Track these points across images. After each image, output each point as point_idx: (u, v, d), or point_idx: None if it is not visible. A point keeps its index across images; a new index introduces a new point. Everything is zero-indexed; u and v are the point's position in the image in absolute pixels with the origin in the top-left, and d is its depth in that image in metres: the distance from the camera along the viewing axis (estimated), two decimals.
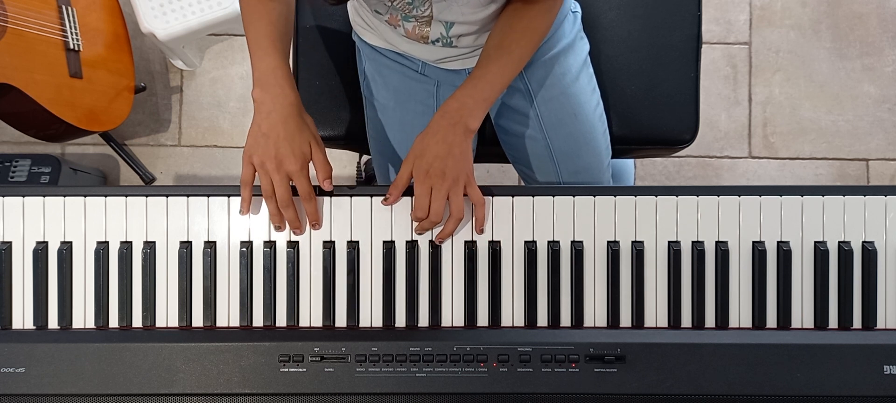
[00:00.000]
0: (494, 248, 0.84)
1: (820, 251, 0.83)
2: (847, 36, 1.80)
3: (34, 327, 0.84)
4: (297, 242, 0.85)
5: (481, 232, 0.85)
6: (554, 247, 0.84)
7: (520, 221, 0.85)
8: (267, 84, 0.85)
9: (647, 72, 1.15)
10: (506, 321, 0.84)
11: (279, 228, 0.84)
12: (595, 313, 0.84)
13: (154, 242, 0.84)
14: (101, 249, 0.84)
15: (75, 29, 1.50)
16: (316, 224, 0.84)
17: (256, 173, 0.83)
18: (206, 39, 1.82)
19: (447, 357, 0.79)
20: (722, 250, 0.84)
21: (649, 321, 0.84)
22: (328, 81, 1.16)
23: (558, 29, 1.03)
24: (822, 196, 0.84)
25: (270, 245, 0.84)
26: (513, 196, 0.85)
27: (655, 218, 0.85)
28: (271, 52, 0.86)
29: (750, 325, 0.84)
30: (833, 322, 0.84)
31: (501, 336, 0.81)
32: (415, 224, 0.85)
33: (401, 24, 0.96)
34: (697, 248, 0.84)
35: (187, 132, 1.81)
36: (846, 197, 0.84)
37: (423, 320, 0.84)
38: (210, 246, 0.84)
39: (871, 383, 0.78)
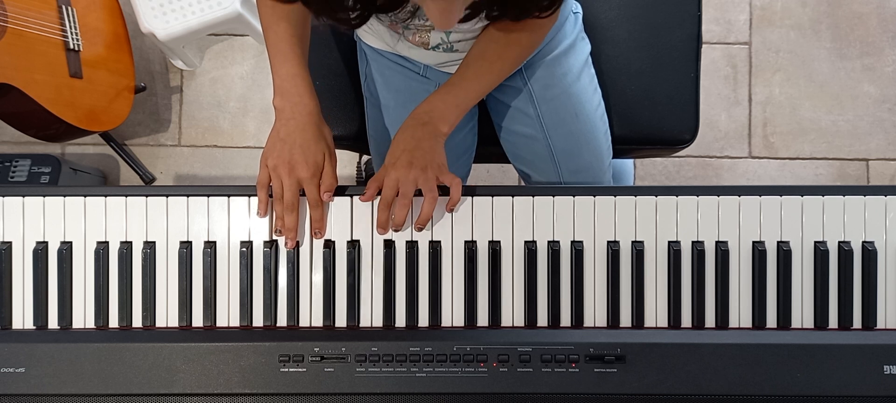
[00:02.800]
0: (494, 248, 0.84)
1: (820, 251, 0.83)
2: (847, 36, 1.80)
3: (34, 327, 0.84)
4: (298, 242, 0.84)
5: (450, 210, 0.85)
6: (554, 247, 0.84)
7: (520, 221, 0.85)
8: (287, 92, 0.86)
9: (647, 72, 1.15)
10: (506, 321, 0.84)
11: (279, 233, 0.84)
12: (595, 313, 0.84)
13: (154, 242, 0.84)
14: (101, 249, 0.84)
15: (75, 29, 1.50)
16: (319, 232, 0.84)
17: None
18: (206, 39, 1.82)
19: (447, 357, 0.79)
20: (722, 250, 0.84)
21: (649, 321, 0.84)
22: (329, 81, 1.16)
23: (560, 30, 1.03)
24: (822, 196, 0.84)
25: (270, 245, 0.84)
26: (513, 196, 0.85)
27: (655, 218, 0.85)
28: (291, 57, 0.87)
29: (750, 325, 0.84)
30: (833, 322, 0.84)
31: (501, 336, 0.81)
32: (376, 221, 0.84)
33: (402, 31, 0.97)
34: (697, 248, 0.84)
35: (187, 132, 1.81)
36: (846, 197, 0.84)
37: (423, 320, 0.84)
38: (210, 246, 0.84)
39: (871, 383, 0.78)
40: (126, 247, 0.84)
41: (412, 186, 0.83)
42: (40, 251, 0.84)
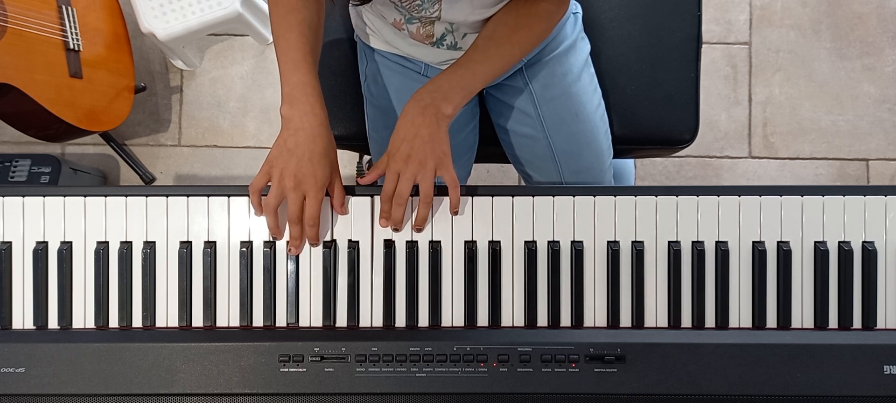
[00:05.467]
0: (494, 248, 0.84)
1: (820, 251, 0.83)
2: (847, 36, 1.80)
3: (34, 327, 0.84)
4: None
5: (455, 213, 0.84)
6: (554, 247, 0.84)
7: (520, 221, 0.85)
8: (296, 100, 0.83)
9: (647, 72, 1.15)
10: (506, 321, 0.84)
11: (276, 238, 0.84)
12: (595, 313, 0.84)
13: (154, 242, 0.84)
14: (101, 249, 0.84)
15: (75, 29, 1.50)
16: (315, 244, 0.84)
17: (268, 183, 0.83)
18: (206, 39, 1.82)
19: (447, 357, 0.79)
20: (722, 250, 0.84)
21: (649, 321, 0.84)
22: (329, 81, 1.16)
23: (560, 30, 1.03)
24: (822, 196, 0.84)
25: (270, 245, 0.84)
26: (513, 196, 0.85)
27: (655, 218, 0.85)
28: (302, 65, 0.85)
29: (750, 325, 0.84)
30: (833, 322, 0.84)
31: (501, 337, 0.81)
32: (379, 213, 0.84)
33: (405, 27, 0.96)
34: (697, 248, 0.84)
35: (187, 132, 1.81)
36: (846, 197, 0.84)
37: (423, 320, 0.84)
38: (210, 246, 0.84)
39: (871, 383, 0.78)
40: (126, 247, 0.84)
41: (409, 184, 0.82)
42: (40, 251, 0.84)
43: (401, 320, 0.84)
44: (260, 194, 0.83)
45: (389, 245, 0.84)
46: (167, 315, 0.84)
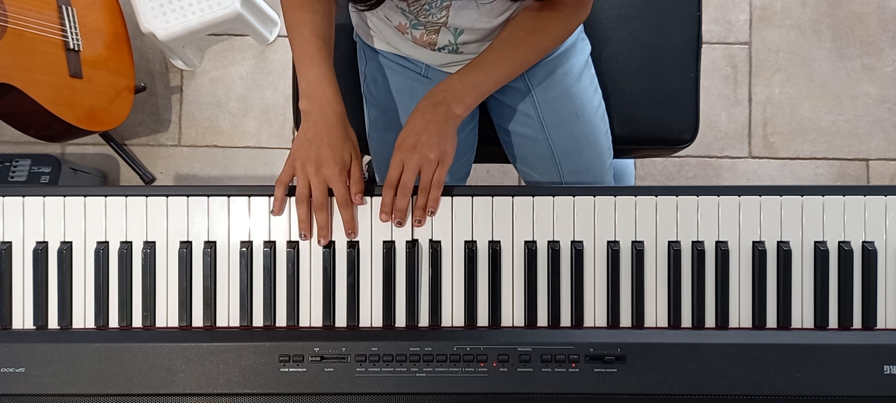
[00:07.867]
0: (494, 248, 0.84)
1: (820, 251, 0.83)
2: (847, 36, 1.80)
3: (34, 327, 0.84)
4: (297, 242, 0.85)
5: (432, 213, 0.84)
6: (554, 247, 0.84)
7: (520, 221, 0.85)
8: (313, 95, 0.86)
9: (647, 72, 1.15)
10: (506, 321, 0.84)
11: (305, 236, 0.84)
12: (595, 313, 0.84)
13: (154, 242, 0.84)
14: (101, 249, 0.84)
15: (75, 29, 1.50)
16: (351, 232, 0.84)
17: (295, 176, 0.84)
18: (206, 39, 1.82)
19: (447, 357, 0.79)
20: (722, 250, 0.84)
21: (649, 321, 0.84)
22: None
23: None
24: (822, 196, 0.84)
25: (270, 245, 0.84)
26: (513, 196, 0.85)
27: (655, 218, 0.85)
28: (318, 60, 0.87)
29: (750, 325, 0.84)
30: (833, 322, 0.84)
31: (501, 337, 0.81)
32: (381, 203, 0.85)
33: (409, 31, 0.97)
34: (697, 248, 0.84)
35: (187, 132, 1.81)
36: (846, 197, 0.84)
37: (423, 320, 0.84)
38: (210, 246, 0.84)
39: (871, 383, 0.78)
40: (126, 247, 0.84)
41: (413, 173, 0.84)
42: (40, 251, 0.84)
43: (401, 320, 0.84)
44: (285, 186, 0.84)
45: (389, 245, 0.84)
46: (167, 315, 0.84)
